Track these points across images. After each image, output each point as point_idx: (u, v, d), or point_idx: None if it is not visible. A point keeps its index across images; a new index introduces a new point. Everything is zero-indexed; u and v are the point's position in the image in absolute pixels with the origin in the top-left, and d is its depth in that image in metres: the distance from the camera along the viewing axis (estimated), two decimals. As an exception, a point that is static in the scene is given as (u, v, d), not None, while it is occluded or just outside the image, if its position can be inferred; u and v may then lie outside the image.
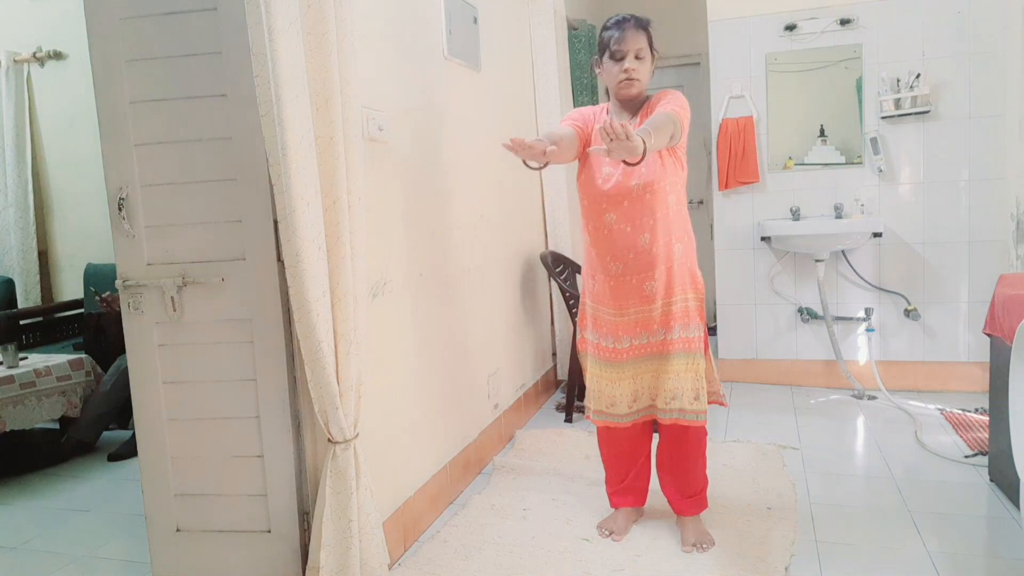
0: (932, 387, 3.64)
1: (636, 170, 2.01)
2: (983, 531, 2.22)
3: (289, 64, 1.60)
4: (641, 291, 2.09)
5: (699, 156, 5.27)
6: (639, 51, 2.07)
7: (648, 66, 2.12)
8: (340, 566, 1.82)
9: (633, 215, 2.06)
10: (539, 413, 3.64)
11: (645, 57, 2.09)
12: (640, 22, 2.11)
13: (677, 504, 2.23)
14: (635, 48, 2.07)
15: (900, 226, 3.61)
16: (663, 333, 2.10)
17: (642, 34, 2.08)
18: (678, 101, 2.09)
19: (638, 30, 2.08)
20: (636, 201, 2.05)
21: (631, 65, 2.07)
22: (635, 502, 2.31)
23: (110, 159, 1.90)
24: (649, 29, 2.12)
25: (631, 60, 2.07)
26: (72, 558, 2.32)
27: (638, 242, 2.06)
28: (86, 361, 3.37)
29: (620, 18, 2.11)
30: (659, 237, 2.06)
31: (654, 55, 2.14)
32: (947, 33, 3.45)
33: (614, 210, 2.08)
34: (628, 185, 2.05)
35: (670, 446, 2.20)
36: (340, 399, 1.78)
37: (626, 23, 2.08)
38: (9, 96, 4.21)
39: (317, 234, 1.70)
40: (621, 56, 2.07)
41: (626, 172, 2.05)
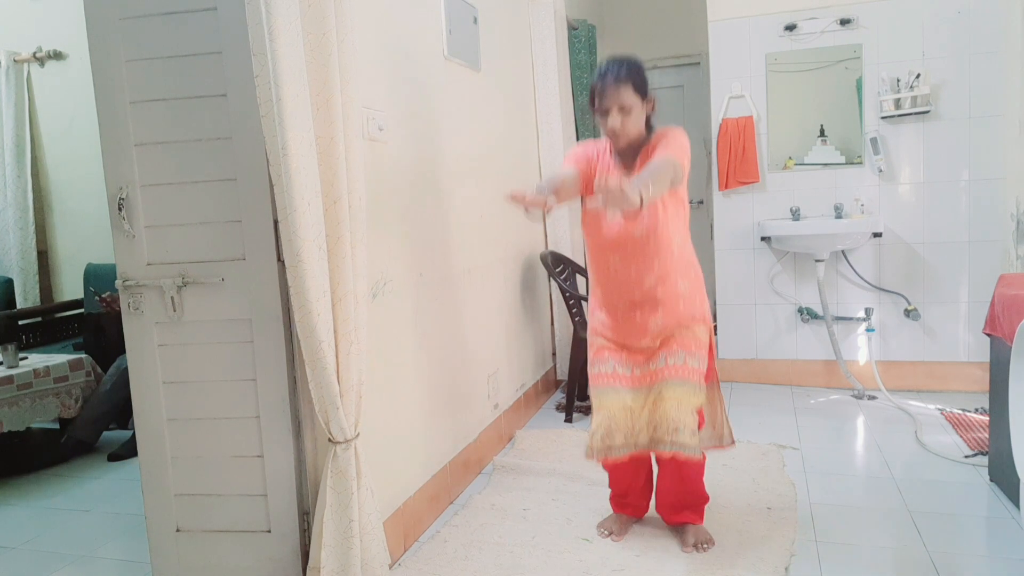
0: (932, 387, 3.64)
1: (638, 218, 2.00)
2: (983, 531, 2.22)
3: (289, 64, 1.59)
4: (646, 327, 2.08)
5: (699, 156, 5.27)
6: (623, 105, 1.99)
7: (637, 115, 2.02)
8: (341, 566, 1.82)
9: (637, 259, 2.05)
10: (539, 413, 3.64)
11: (631, 108, 2.00)
12: (623, 73, 1.99)
13: (671, 519, 2.21)
14: (617, 103, 1.99)
15: (900, 226, 3.61)
16: (664, 358, 2.07)
17: (625, 86, 1.98)
18: (677, 141, 2.02)
19: (618, 83, 1.98)
20: (639, 246, 2.04)
21: (614, 123, 2.00)
22: (633, 514, 2.30)
23: (110, 159, 1.90)
24: (637, 75, 2.01)
25: (615, 116, 2.00)
26: (72, 558, 2.32)
27: (643, 283, 2.06)
28: (86, 361, 3.37)
29: (603, 70, 2.02)
30: (664, 278, 2.05)
31: (647, 100, 2.05)
32: (947, 33, 3.45)
33: (618, 253, 2.07)
34: (631, 231, 2.03)
35: (670, 474, 2.17)
36: (341, 399, 1.78)
37: (607, 76, 2.00)
38: (9, 96, 4.21)
39: (318, 234, 1.70)
40: (605, 111, 2.02)
41: (628, 217, 2.03)
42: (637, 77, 2.01)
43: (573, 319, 3.51)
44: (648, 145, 2.06)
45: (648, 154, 2.04)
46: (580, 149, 2.19)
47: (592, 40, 4.34)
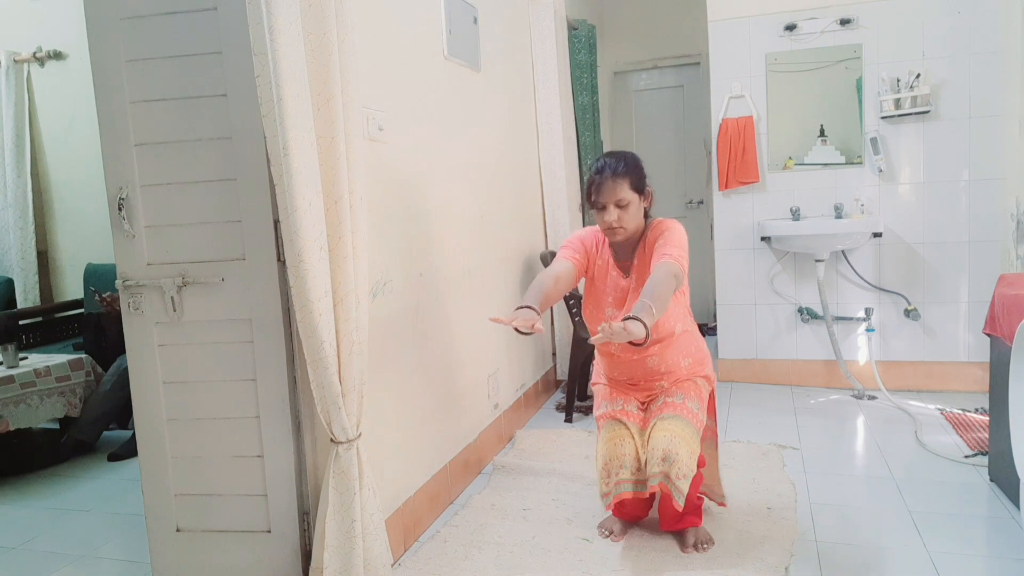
0: (932, 387, 3.64)
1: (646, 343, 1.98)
2: (983, 531, 2.22)
3: (290, 64, 1.59)
4: (651, 389, 2.16)
5: (699, 156, 5.28)
6: (619, 200, 1.98)
7: (634, 211, 2.01)
8: (344, 566, 1.82)
9: (640, 350, 2.06)
10: (539, 413, 3.64)
11: (629, 203, 2.00)
12: (622, 168, 1.99)
13: (671, 527, 2.19)
14: (614, 199, 1.98)
15: (900, 226, 3.61)
16: (663, 399, 2.10)
17: (622, 181, 1.98)
18: (676, 239, 1.99)
19: (617, 178, 1.97)
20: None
21: (611, 219, 1.99)
22: (633, 520, 2.30)
23: (110, 159, 1.90)
24: (634, 171, 2.01)
25: (611, 211, 1.99)
26: (72, 558, 2.32)
27: (646, 364, 2.11)
28: (86, 361, 3.37)
29: (600, 165, 2.02)
30: (666, 359, 2.09)
31: (644, 194, 2.05)
32: (947, 33, 3.45)
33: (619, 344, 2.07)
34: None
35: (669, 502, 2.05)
36: (343, 399, 1.78)
37: (603, 172, 1.99)
38: (9, 96, 4.21)
39: (319, 234, 1.70)
40: (601, 207, 2.01)
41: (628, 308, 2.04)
42: (634, 173, 2.00)
43: (573, 319, 3.51)
44: (645, 239, 2.07)
45: (645, 249, 2.06)
46: (578, 239, 2.18)
47: (592, 40, 4.34)
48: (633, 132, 5.44)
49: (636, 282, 2.09)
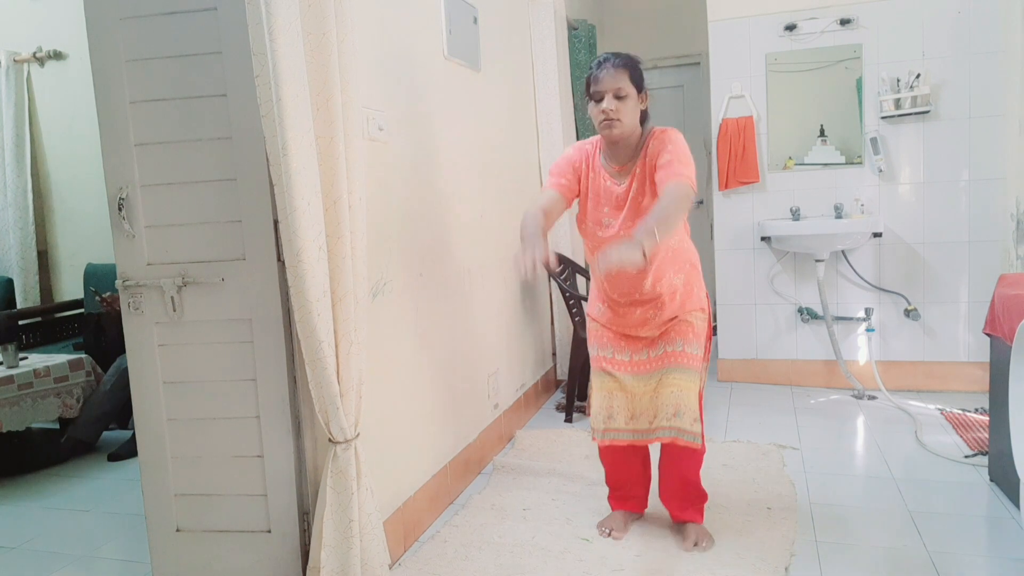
0: (932, 387, 3.64)
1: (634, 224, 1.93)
2: (983, 531, 2.22)
3: (289, 64, 1.59)
4: (645, 318, 2.11)
5: (699, 156, 5.27)
6: (618, 90, 1.94)
7: (632, 105, 1.97)
8: (341, 566, 1.82)
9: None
10: (539, 413, 3.64)
11: (627, 96, 1.95)
12: (622, 60, 1.97)
13: (676, 515, 2.24)
14: (613, 87, 1.93)
15: (900, 226, 3.61)
16: (663, 346, 2.11)
17: (622, 72, 1.94)
18: (682, 153, 1.93)
19: (618, 68, 1.94)
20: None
21: (609, 105, 1.94)
22: (635, 508, 2.32)
23: (110, 159, 1.90)
24: (634, 67, 1.98)
25: (609, 100, 1.94)
26: (72, 558, 2.32)
27: (641, 284, 2.06)
28: (86, 361, 3.37)
29: (602, 58, 2.00)
30: (662, 276, 2.06)
31: (643, 94, 2.01)
32: (947, 33, 3.45)
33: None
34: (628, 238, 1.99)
35: (669, 463, 2.20)
36: (341, 399, 1.78)
37: (605, 62, 1.96)
38: (9, 96, 4.21)
39: (318, 234, 1.70)
40: (600, 97, 1.96)
41: (624, 225, 2.01)
42: (634, 68, 1.98)
43: (573, 319, 3.51)
44: (646, 147, 2.02)
45: (646, 158, 2.00)
46: (564, 159, 2.13)
47: (592, 40, 4.34)
48: (633, 132, 5.43)
49: (637, 190, 2.01)
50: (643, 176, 2.00)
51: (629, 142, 2.02)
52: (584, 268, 3.95)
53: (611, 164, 2.06)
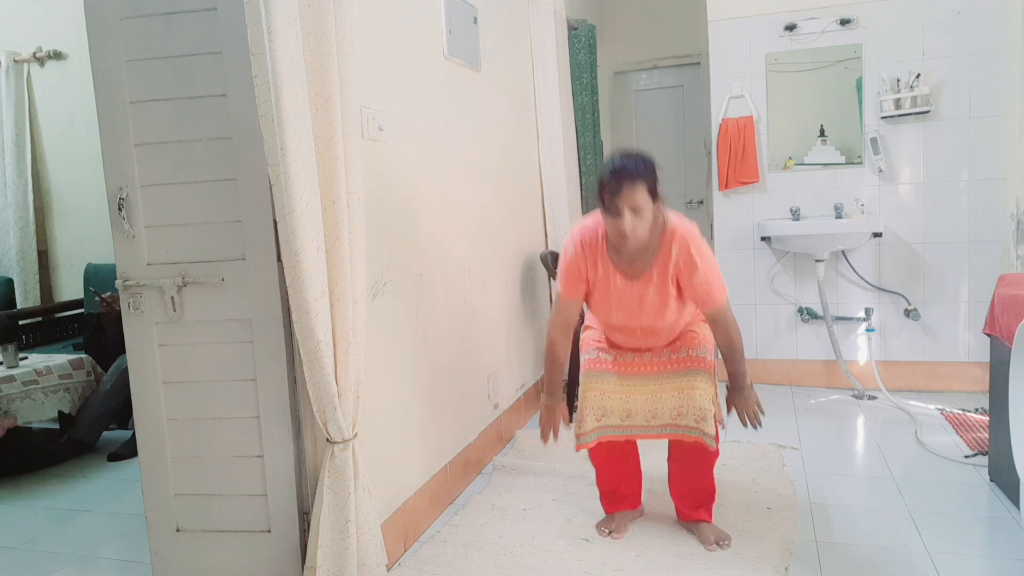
0: (932, 387, 3.64)
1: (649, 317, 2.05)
2: (983, 531, 2.22)
3: (288, 64, 1.59)
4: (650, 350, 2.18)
5: (699, 156, 5.27)
6: (635, 206, 1.86)
7: (648, 216, 1.89)
8: (337, 566, 1.82)
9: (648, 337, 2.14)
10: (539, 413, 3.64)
11: (643, 208, 1.87)
12: (638, 171, 1.87)
13: (685, 512, 2.23)
14: (630, 204, 1.86)
15: (900, 226, 3.61)
16: (669, 354, 2.13)
17: (640, 186, 1.86)
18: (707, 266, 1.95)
19: (634, 182, 1.85)
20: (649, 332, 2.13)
21: (626, 226, 1.87)
22: (631, 506, 2.31)
23: (110, 159, 1.90)
24: (651, 177, 1.90)
25: (627, 219, 1.87)
26: (72, 558, 2.32)
27: (649, 342, 2.15)
28: (86, 361, 3.37)
29: (617, 166, 1.88)
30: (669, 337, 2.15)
31: (657, 199, 1.92)
32: (947, 33, 3.45)
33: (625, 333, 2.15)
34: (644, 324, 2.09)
35: (682, 462, 2.20)
36: (339, 399, 1.78)
37: (622, 175, 1.86)
38: (9, 96, 4.21)
39: (316, 234, 1.70)
40: (616, 213, 1.88)
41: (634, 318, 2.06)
42: (651, 177, 1.89)
43: (573, 319, 3.50)
44: (661, 251, 1.97)
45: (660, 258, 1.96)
46: (572, 266, 2.05)
47: (592, 40, 4.34)
48: (633, 132, 5.44)
49: (655, 294, 1.99)
50: (661, 280, 1.98)
51: (643, 245, 1.97)
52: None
53: (622, 261, 2.01)
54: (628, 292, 2.02)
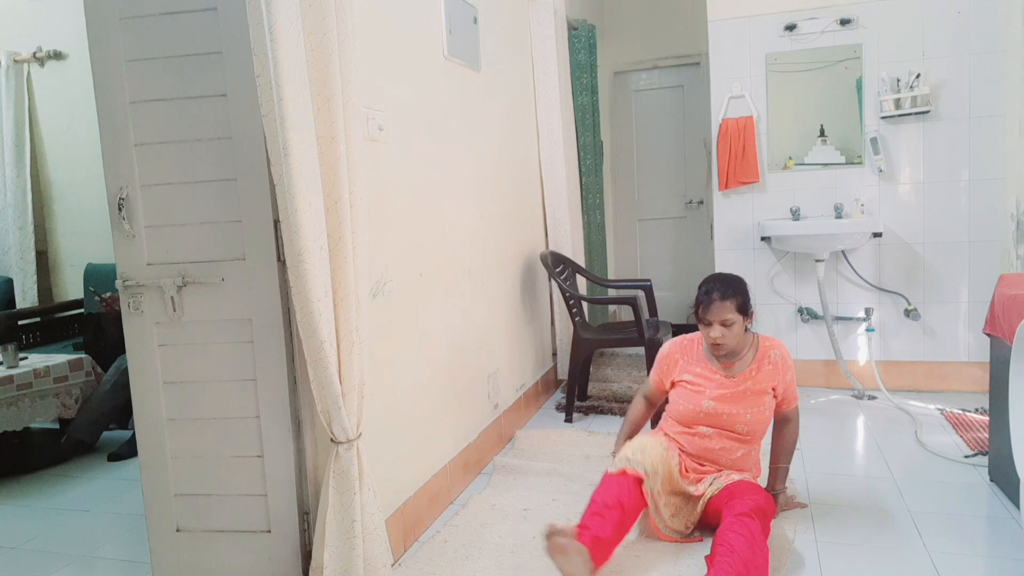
0: (932, 387, 3.64)
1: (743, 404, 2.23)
2: (983, 531, 2.22)
3: (290, 64, 1.59)
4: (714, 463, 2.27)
5: (699, 156, 5.28)
6: (725, 320, 2.14)
7: (738, 330, 2.17)
8: (343, 566, 1.82)
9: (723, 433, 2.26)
10: (539, 413, 3.64)
11: (734, 323, 2.15)
12: (728, 291, 2.16)
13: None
14: (720, 318, 2.15)
15: (900, 226, 3.61)
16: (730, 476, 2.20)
17: (729, 304, 2.14)
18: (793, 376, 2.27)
19: (724, 300, 2.14)
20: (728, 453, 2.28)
21: (716, 335, 2.16)
22: (594, 550, 1.87)
23: (110, 159, 1.90)
24: (741, 296, 2.17)
25: (716, 330, 2.16)
26: (72, 558, 2.32)
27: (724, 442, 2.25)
28: (86, 361, 3.37)
29: (708, 287, 2.19)
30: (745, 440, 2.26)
31: (748, 315, 2.20)
32: (947, 33, 3.45)
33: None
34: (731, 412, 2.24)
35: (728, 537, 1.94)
36: (343, 399, 1.78)
37: (713, 293, 2.15)
38: (9, 96, 4.21)
39: (319, 234, 1.70)
40: (708, 323, 2.17)
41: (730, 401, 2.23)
42: (741, 296, 2.17)
43: (573, 319, 3.51)
44: (759, 357, 2.24)
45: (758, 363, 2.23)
46: (660, 360, 2.38)
47: (592, 40, 4.34)
48: (633, 132, 5.45)
49: (752, 387, 2.22)
50: (757, 379, 2.23)
51: (738, 350, 2.24)
52: (583, 268, 3.95)
53: (719, 362, 2.27)
54: (725, 384, 2.25)
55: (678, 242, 5.46)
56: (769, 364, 2.23)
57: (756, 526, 1.91)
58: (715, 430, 2.22)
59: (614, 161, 5.45)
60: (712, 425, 2.23)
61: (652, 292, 3.72)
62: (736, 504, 2.00)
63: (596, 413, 3.56)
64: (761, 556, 1.86)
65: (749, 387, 2.22)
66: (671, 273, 5.47)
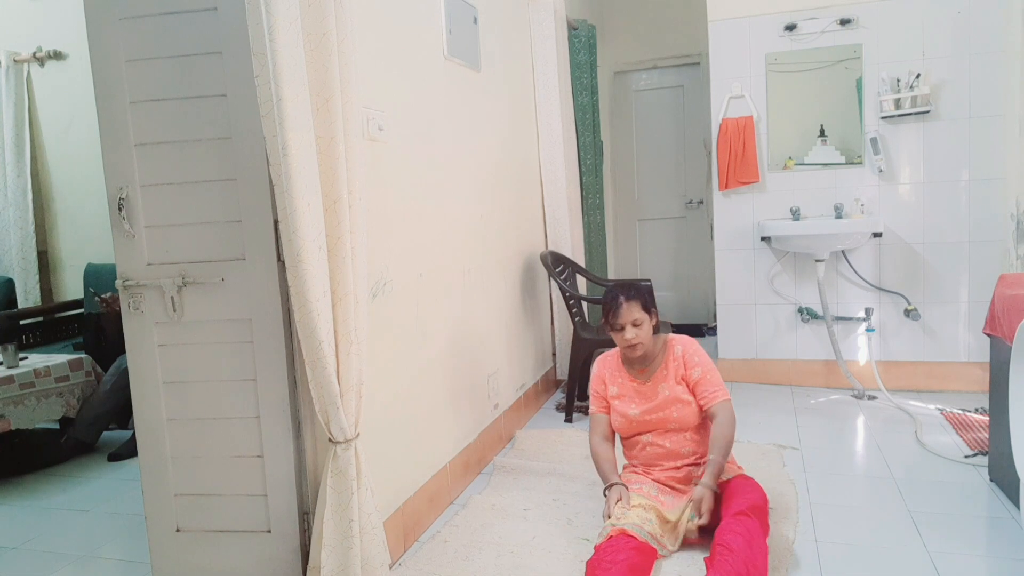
0: (932, 387, 3.64)
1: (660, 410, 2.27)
2: (983, 531, 2.22)
3: (289, 64, 1.59)
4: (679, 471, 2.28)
5: (699, 156, 5.28)
6: (634, 320, 2.23)
7: (648, 327, 2.26)
8: (341, 566, 1.82)
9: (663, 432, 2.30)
10: (539, 413, 3.64)
11: (642, 323, 2.24)
12: (631, 293, 2.25)
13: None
14: (630, 319, 2.23)
15: (900, 226, 3.61)
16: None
17: (635, 304, 2.24)
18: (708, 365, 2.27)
19: (630, 302, 2.24)
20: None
21: (631, 337, 2.23)
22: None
23: (110, 159, 1.90)
24: (644, 297, 2.27)
25: (630, 331, 2.24)
26: (72, 558, 2.32)
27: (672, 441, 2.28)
28: (86, 361, 3.37)
29: (613, 293, 2.28)
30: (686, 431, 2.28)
31: (653, 314, 2.30)
32: (947, 33, 3.45)
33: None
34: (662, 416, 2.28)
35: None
36: (341, 399, 1.78)
37: (618, 298, 2.24)
38: (9, 96, 4.21)
39: (318, 234, 1.70)
40: (619, 328, 2.25)
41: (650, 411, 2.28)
42: (644, 298, 2.27)
43: (573, 319, 3.51)
44: (666, 358, 2.30)
45: (667, 364, 2.29)
46: (594, 383, 2.41)
47: (592, 40, 4.34)
48: (633, 132, 5.45)
49: (670, 389, 2.27)
50: (667, 378, 2.29)
51: (649, 353, 2.31)
52: (583, 268, 3.95)
53: (634, 369, 2.35)
54: (642, 391, 2.31)
55: (678, 242, 5.46)
56: (674, 360, 2.30)
57: (755, 525, 1.91)
58: (654, 433, 2.27)
59: (614, 161, 5.45)
60: (649, 430, 2.28)
61: (652, 292, 3.71)
62: (733, 503, 2.00)
63: (596, 413, 3.56)
64: (760, 556, 1.85)
65: (667, 395, 2.26)
66: (671, 273, 5.47)
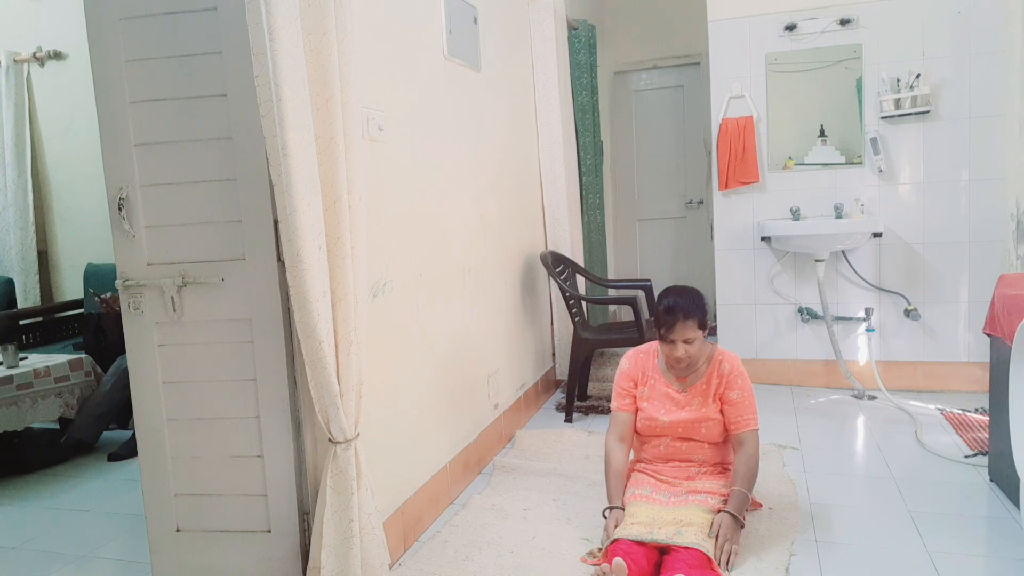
0: (932, 387, 3.64)
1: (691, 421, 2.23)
2: (983, 531, 2.22)
3: (289, 64, 1.59)
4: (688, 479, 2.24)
5: (699, 156, 5.28)
6: (688, 338, 2.15)
7: (699, 344, 2.19)
8: (341, 566, 1.82)
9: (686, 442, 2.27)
10: (539, 413, 3.64)
11: (695, 339, 2.16)
12: (691, 309, 2.14)
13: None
14: (683, 337, 2.15)
15: (900, 226, 3.61)
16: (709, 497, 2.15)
17: (691, 323, 2.14)
18: (746, 388, 2.20)
19: (687, 320, 2.13)
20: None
21: (680, 354, 2.16)
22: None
23: (110, 159, 1.90)
24: (701, 314, 2.16)
25: (680, 348, 2.16)
26: (72, 558, 2.32)
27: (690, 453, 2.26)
28: (86, 361, 3.37)
29: (671, 304, 2.15)
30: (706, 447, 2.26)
31: (706, 330, 2.21)
32: (947, 33, 3.45)
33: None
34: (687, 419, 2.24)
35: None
36: (341, 399, 1.78)
37: (676, 312, 2.14)
38: (9, 96, 4.21)
39: (318, 234, 1.70)
40: (671, 341, 2.17)
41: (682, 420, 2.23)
42: (701, 313, 2.17)
43: (573, 319, 3.51)
44: (711, 372, 2.23)
45: (710, 378, 2.22)
46: (626, 376, 2.32)
47: (592, 40, 4.34)
48: (633, 132, 5.45)
49: (701, 403, 2.22)
50: (707, 393, 2.23)
51: (695, 365, 2.24)
52: (583, 268, 3.95)
53: (673, 375, 2.27)
54: (675, 399, 2.26)
55: (678, 242, 5.46)
56: (719, 376, 2.23)
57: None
58: (676, 438, 2.25)
59: (614, 161, 5.45)
60: (672, 435, 2.25)
61: (652, 292, 3.71)
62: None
63: (596, 413, 3.56)
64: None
65: (701, 412, 2.21)
66: (671, 273, 5.47)
